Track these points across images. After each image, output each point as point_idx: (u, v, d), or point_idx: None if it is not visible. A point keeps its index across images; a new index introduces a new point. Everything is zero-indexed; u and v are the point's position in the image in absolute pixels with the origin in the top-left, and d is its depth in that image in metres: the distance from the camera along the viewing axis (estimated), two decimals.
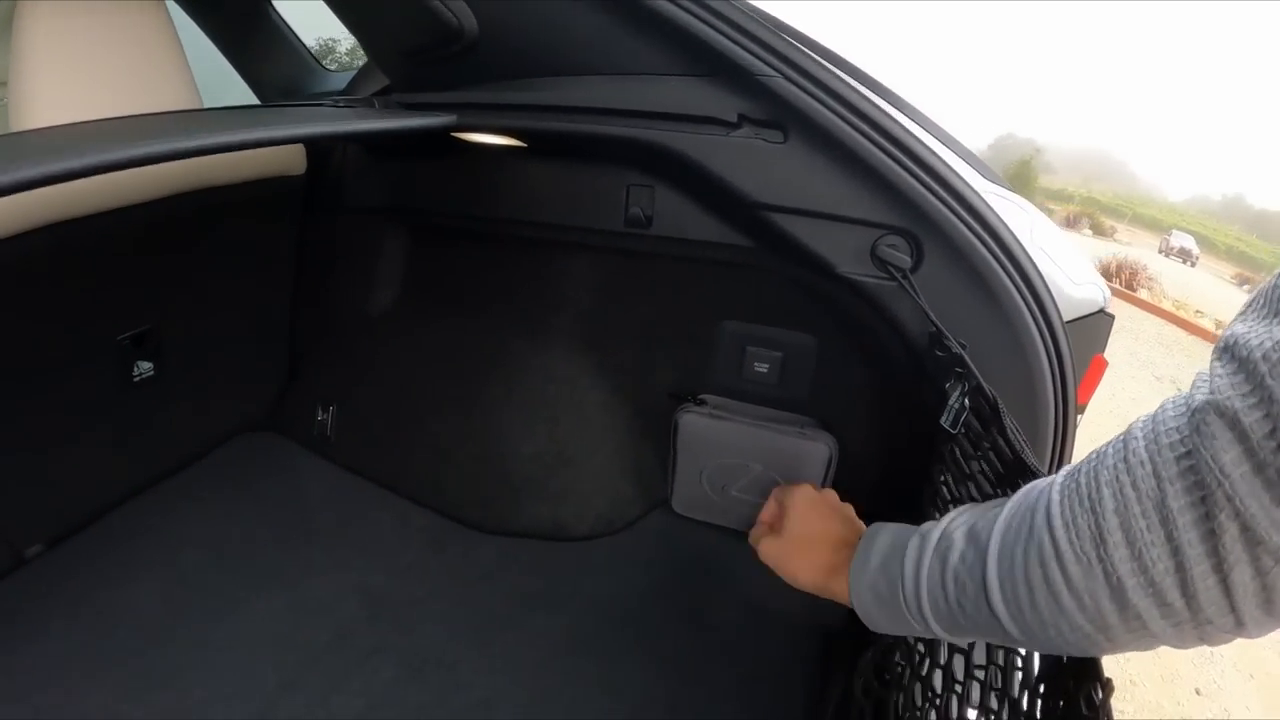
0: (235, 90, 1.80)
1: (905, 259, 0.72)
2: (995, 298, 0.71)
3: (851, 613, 0.61)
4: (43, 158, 0.43)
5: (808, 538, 0.70)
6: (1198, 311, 11.05)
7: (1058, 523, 0.42)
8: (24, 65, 0.81)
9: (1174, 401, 0.40)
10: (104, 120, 0.60)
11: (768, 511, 0.76)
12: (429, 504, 1.26)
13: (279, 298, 1.34)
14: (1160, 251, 27.94)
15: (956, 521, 0.54)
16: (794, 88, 0.70)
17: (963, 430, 0.64)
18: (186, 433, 1.29)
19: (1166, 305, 10.62)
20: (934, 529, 0.55)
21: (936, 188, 0.70)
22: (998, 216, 0.72)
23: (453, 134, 0.94)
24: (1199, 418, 0.36)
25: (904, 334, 0.76)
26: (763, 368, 1.01)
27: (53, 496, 1.07)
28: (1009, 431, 0.58)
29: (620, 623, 1.06)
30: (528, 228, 1.06)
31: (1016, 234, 0.73)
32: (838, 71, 0.72)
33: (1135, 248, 22.04)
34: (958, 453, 0.66)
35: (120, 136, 0.51)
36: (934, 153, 0.71)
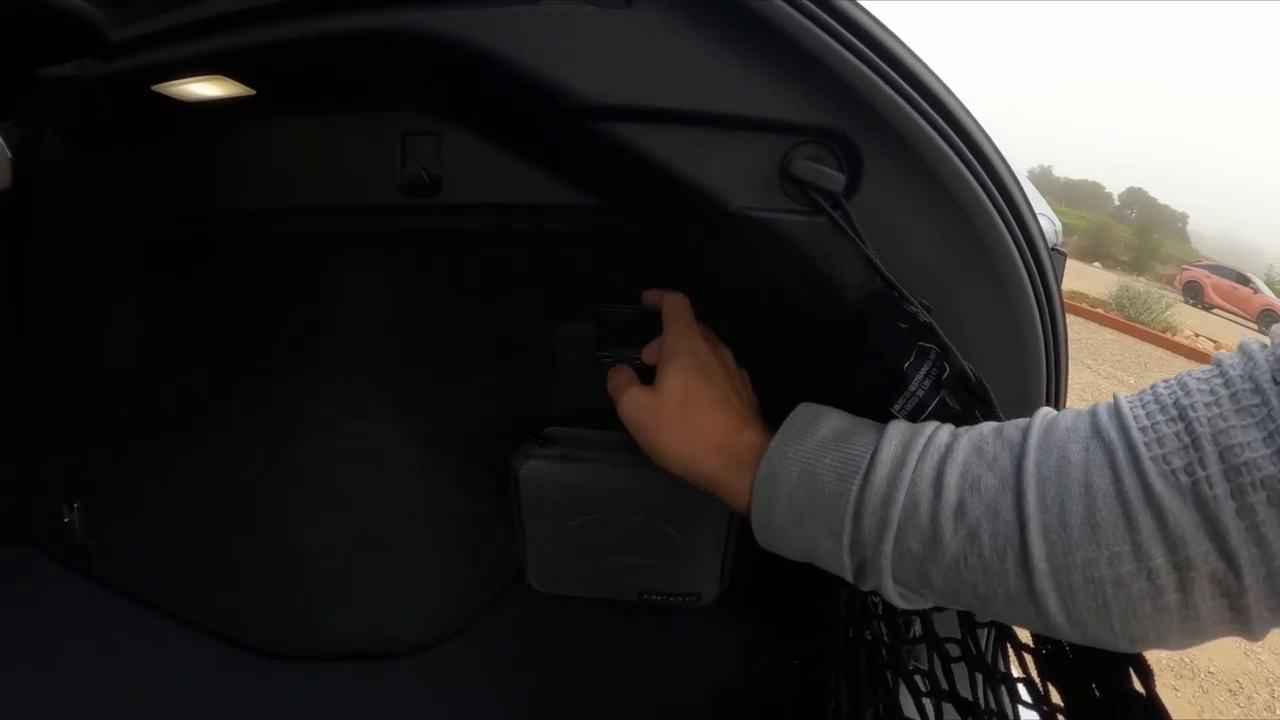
0: None
1: (836, 176, 0.45)
2: (975, 230, 0.46)
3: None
4: None
5: (691, 397, 0.51)
6: None
7: (1132, 425, 0.33)
8: None
9: (1259, 345, 0.33)
10: None
11: (647, 354, 0.59)
12: (206, 626, 0.92)
13: (1, 359, 0.96)
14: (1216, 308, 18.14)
15: (945, 427, 0.41)
16: None
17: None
18: None
19: None
20: (921, 425, 0.42)
21: (879, 62, 0.43)
22: (966, 110, 0.47)
23: (159, 91, 0.63)
24: None
25: (834, 294, 0.50)
26: None
27: None
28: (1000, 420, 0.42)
29: None
30: (275, 219, 0.73)
31: (990, 134, 0.48)
32: None
33: None
34: None
35: None
36: (864, 9, 0.45)
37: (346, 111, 0.64)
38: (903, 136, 0.44)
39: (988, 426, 0.39)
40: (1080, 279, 14.82)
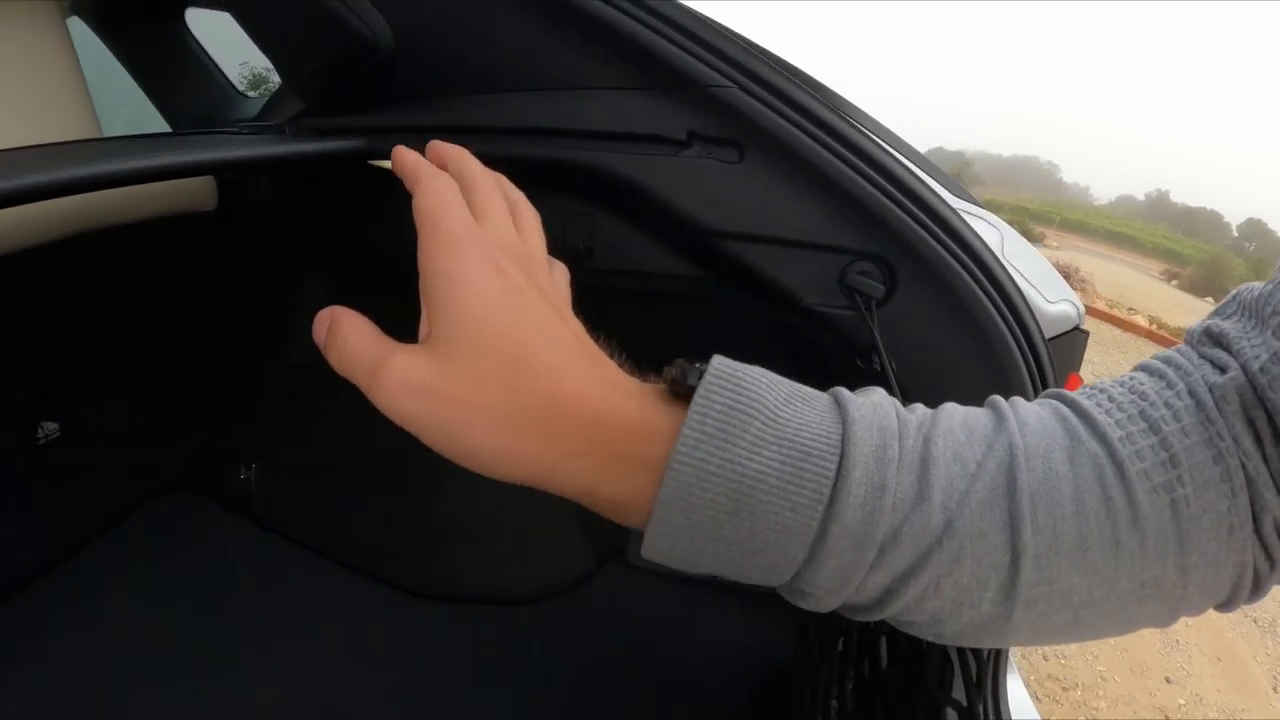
0: (153, 119, 1.69)
1: (877, 286, 0.65)
2: (978, 325, 0.65)
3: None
4: None
5: (509, 349, 0.30)
6: (1130, 309, 11.44)
7: (1112, 434, 0.30)
8: None
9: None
10: None
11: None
12: (362, 569, 1.16)
13: (195, 345, 1.22)
14: None
15: (920, 410, 0.32)
16: (751, 100, 0.63)
17: None
18: (101, 497, 1.16)
19: (1100, 305, 10.94)
20: (888, 402, 0.32)
21: (912, 207, 0.63)
22: (976, 236, 0.65)
23: (369, 161, 0.85)
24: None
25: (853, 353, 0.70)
26: None
27: None
28: None
29: (579, 692, 0.98)
30: None
31: (996, 253, 0.67)
32: (796, 83, 0.65)
33: (1065, 250, 22.90)
34: None
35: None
36: (906, 168, 0.64)
37: (523, 188, 0.86)
38: (925, 259, 0.63)
39: (955, 420, 0.31)
40: (1190, 315, 14.15)
